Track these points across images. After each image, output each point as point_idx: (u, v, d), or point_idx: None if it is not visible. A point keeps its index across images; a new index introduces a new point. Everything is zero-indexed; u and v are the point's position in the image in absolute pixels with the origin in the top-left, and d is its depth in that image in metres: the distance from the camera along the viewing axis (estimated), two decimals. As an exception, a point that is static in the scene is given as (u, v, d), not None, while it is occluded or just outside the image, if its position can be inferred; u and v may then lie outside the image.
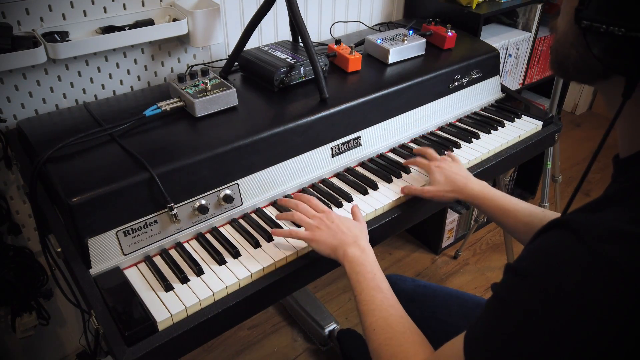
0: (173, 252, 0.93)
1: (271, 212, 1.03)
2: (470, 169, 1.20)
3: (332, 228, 0.88)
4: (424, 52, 1.38)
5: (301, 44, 1.19)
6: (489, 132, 1.32)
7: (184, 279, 0.86)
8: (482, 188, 1.01)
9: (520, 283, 0.49)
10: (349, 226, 0.89)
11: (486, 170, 1.22)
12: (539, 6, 1.75)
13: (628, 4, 0.47)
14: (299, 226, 0.95)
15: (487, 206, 0.99)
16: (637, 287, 0.42)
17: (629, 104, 0.51)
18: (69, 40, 1.11)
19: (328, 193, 1.07)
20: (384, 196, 1.08)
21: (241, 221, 1.01)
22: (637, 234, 0.43)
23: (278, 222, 0.99)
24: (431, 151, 1.14)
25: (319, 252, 0.89)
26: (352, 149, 1.17)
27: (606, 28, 0.47)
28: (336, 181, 1.13)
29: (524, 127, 1.35)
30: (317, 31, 1.59)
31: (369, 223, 1.03)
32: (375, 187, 1.10)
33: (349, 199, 1.06)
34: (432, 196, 1.04)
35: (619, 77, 0.52)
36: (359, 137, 1.18)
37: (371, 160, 1.20)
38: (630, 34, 0.46)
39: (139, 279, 0.87)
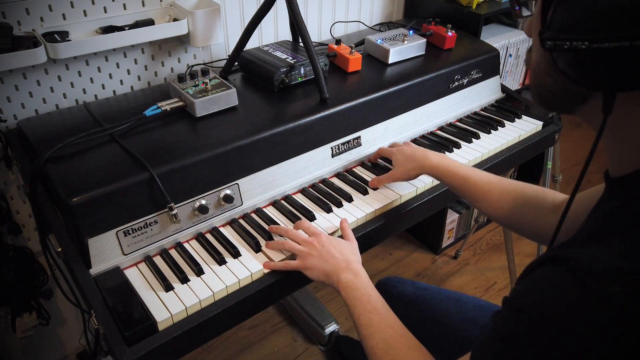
0: (173, 252, 0.93)
1: (271, 212, 1.03)
2: (471, 169, 1.20)
3: (323, 254, 0.87)
4: (424, 52, 1.38)
5: (301, 44, 1.19)
6: (489, 132, 1.32)
7: (184, 279, 0.86)
8: (440, 159, 1.02)
9: (518, 319, 0.49)
10: (339, 249, 0.88)
11: (486, 170, 1.22)
12: (539, 6, 1.75)
13: (585, 17, 0.46)
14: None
15: (447, 177, 1.00)
16: (638, 325, 0.41)
17: (612, 121, 0.50)
18: (69, 40, 1.11)
19: (328, 193, 1.07)
20: (384, 196, 1.08)
21: (241, 221, 1.01)
22: (636, 271, 0.43)
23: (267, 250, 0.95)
24: (394, 142, 1.18)
25: (312, 279, 0.88)
26: (352, 149, 1.17)
27: (570, 44, 0.47)
28: (336, 181, 1.13)
29: (524, 127, 1.35)
30: (317, 31, 1.59)
31: (369, 223, 1.03)
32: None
33: (349, 199, 1.06)
34: (398, 177, 1.06)
35: (597, 99, 0.51)
36: (359, 137, 1.18)
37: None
38: (593, 46, 0.45)
39: (139, 279, 0.87)
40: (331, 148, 1.13)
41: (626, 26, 0.43)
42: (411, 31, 1.41)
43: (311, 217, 1.01)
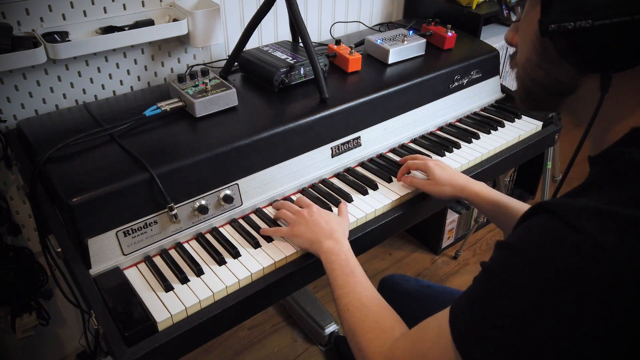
0: (173, 252, 0.93)
1: (271, 212, 1.03)
2: (470, 169, 1.21)
3: (310, 222, 0.91)
4: (424, 53, 1.38)
5: (301, 44, 1.19)
6: (488, 133, 1.32)
7: (183, 279, 0.86)
8: (482, 187, 1.03)
9: (508, 256, 0.53)
10: (327, 219, 0.91)
11: (486, 171, 1.22)
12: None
13: None
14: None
15: (486, 205, 1.01)
16: (608, 256, 0.45)
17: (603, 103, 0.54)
18: (69, 40, 1.11)
19: (328, 193, 1.07)
20: (384, 196, 1.08)
21: (241, 221, 1.01)
22: (606, 210, 0.48)
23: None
24: (418, 156, 1.16)
25: (298, 246, 0.92)
26: (352, 149, 1.17)
27: (574, 25, 0.50)
28: (336, 181, 1.13)
29: (523, 128, 1.35)
30: (317, 31, 1.59)
31: (369, 223, 1.03)
32: (375, 187, 1.10)
33: (349, 199, 1.06)
34: (432, 192, 1.05)
35: (586, 86, 0.56)
36: (359, 137, 1.18)
37: (371, 160, 1.20)
38: (597, 23, 0.48)
39: (138, 279, 0.87)
40: (331, 148, 1.13)
41: (627, 3, 0.47)
42: (411, 31, 1.41)
43: (311, 217, 1.01)
